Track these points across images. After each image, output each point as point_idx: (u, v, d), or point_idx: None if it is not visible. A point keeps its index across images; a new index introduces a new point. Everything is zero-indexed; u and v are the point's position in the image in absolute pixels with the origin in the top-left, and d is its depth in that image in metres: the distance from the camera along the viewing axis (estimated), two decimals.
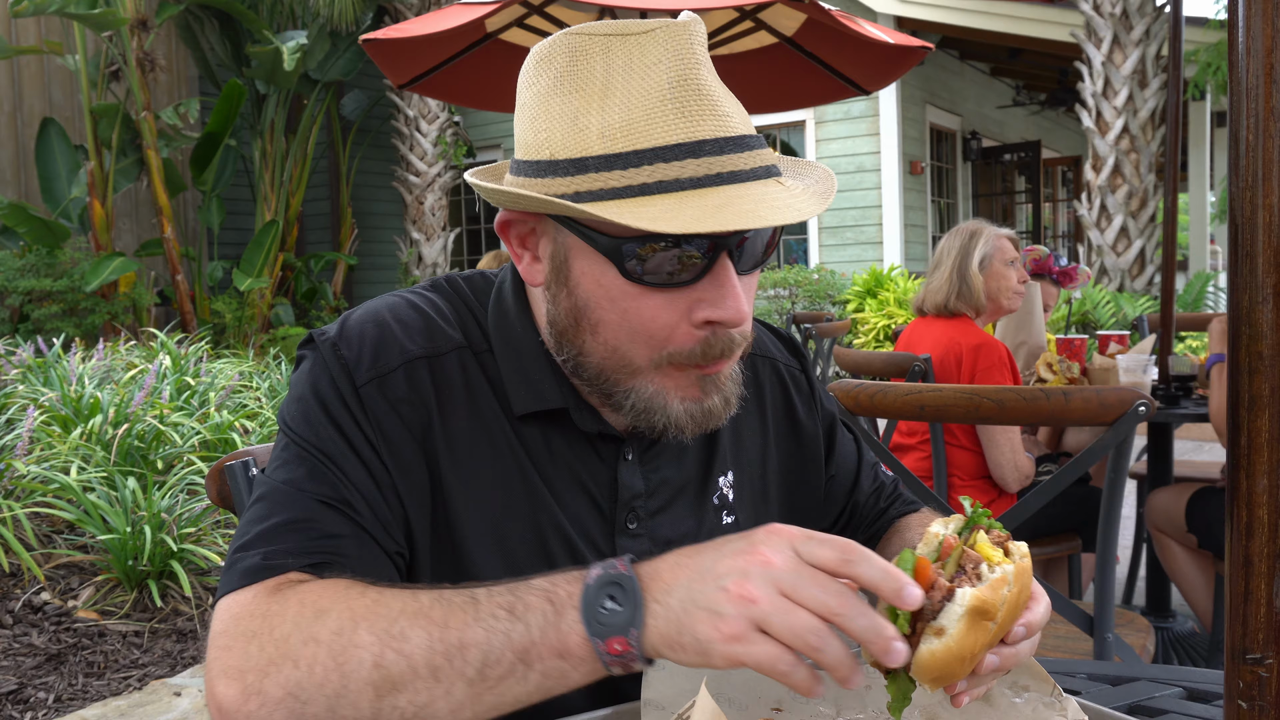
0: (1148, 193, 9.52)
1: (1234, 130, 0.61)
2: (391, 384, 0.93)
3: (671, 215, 0.81)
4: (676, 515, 1.04)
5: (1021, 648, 0.82)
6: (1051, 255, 3.66)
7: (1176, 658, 3.16)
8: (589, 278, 0.90)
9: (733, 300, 0.87)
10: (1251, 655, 0.62)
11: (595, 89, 0.86)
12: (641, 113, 0.84)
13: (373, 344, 0.94)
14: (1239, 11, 0.60)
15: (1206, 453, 6.96)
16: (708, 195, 0.83)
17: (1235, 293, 0.62)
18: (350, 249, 12.25)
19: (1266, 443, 0.61)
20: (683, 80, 0.85)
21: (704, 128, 0.84)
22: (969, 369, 2.88)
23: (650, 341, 0.89)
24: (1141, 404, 1.65)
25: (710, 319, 0.88)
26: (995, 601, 0.76)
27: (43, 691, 2.73)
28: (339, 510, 0.88)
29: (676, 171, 0.83)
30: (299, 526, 0.87)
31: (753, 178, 0.86)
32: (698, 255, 0.86)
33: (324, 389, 0.93)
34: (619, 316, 0.89)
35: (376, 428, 0.91)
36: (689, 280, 0.87)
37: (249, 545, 0.86)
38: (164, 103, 10.82)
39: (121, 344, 6.69)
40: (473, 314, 1.00)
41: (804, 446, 1.16)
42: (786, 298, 11.19)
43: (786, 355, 1.19)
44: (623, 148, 0.84)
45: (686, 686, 0.89)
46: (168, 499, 3.46)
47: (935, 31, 11.53)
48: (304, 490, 0.88)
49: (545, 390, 0.97)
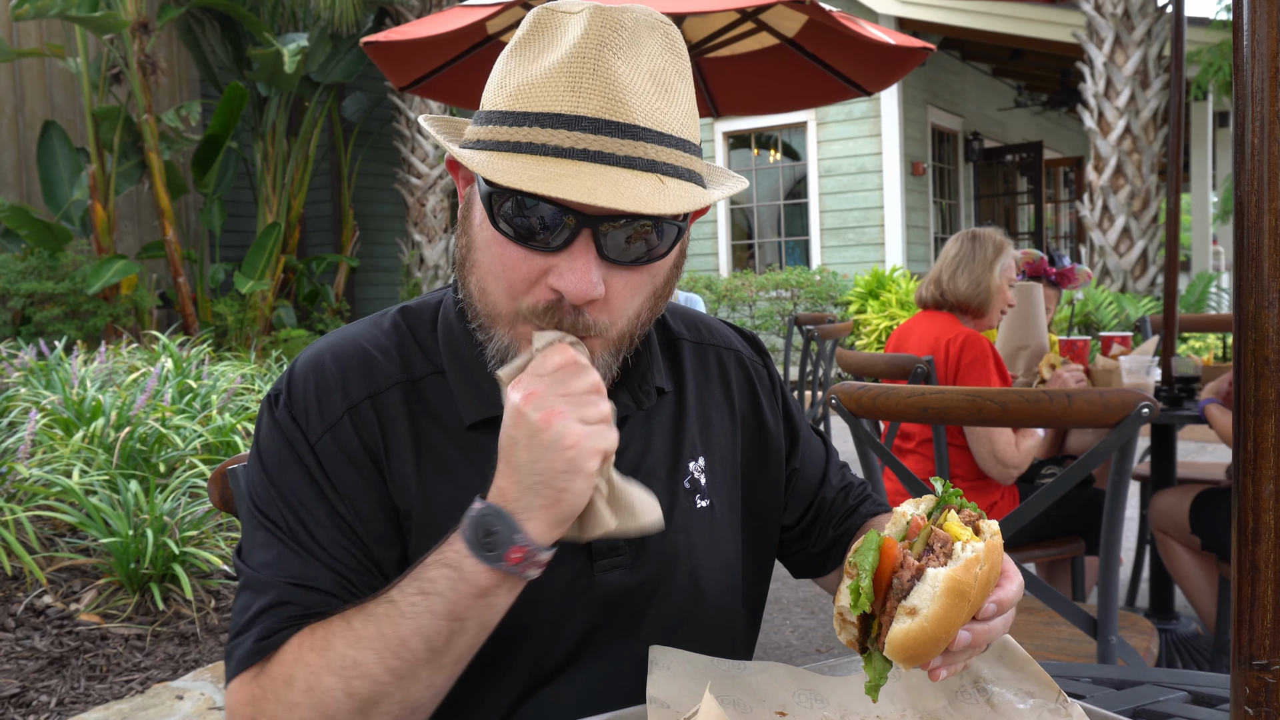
0: (1150, 193, 9.52)
1: (1239, 134, 0.61)
2: (342, 434, 0.98)
3: (516, 172, 0.86)
4: None
5: (994, 624, 0.85)
6: (1044, 259, 3.66)
7: (1180, 660, 3.16)
8: (474, 220, 0.97)
9: (580, 275, 0.89)
10: (1258, 661, 0.62)
11: (531, 54, 0.93)
12: (541, 79, 0.90)
13: (316, 395, 0.99)
14: (1244, 15, 0.60)
15: (1210, 454, 6.95)
16: (563, 165, 0.87)
17: (1241, 297, 0.61)
18: (352, 251, 12.25)
19: (1273, 448, 0.61)
20: (582, 58, 0.89)
21: (587, 105, 0.88)
22: (955, 360, 2.92)
23: (508, 290, 0.94)
24: (1145, 405, 1.64)
25: (556, 287, 0.91)
26: (969, 580, 0.77)
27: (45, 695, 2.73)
28: (308, 588, 0.95)
29: (546, 137, 0.88)
30: (278, 610, 0.94)
31: (626, 165, 0.88)
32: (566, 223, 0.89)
33: (283, 455, 0.98)
34: (489, 259, 0.95)
35: (338, 482, 0.97)
36: (552, 248, 0.90)
37: (241, 632, 0.95)
38: (165, 105, 10.83)
39: (123, 347, 6.70)
40: (418, 343, 1.05)
41: (767, 438, 1.18)
42: (788, 299, 11.18)
43: (750, 351, 1.23)
44: (518, 107, 0.90)
45: (691, 686, 0.89)
46: (170, 502, 3.46)
47: (937, 32, 11.53)
48: (278, 575, 0.95)
49: (493, 396, 0.99)
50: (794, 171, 12.54)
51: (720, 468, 1.13)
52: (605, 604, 1.02)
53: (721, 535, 1.11)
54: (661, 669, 0.90)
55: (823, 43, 4.43)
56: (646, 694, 0.88)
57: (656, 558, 1.04)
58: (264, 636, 0.92)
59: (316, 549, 0.95)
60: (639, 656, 1.02)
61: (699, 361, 1.16)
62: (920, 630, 0.75)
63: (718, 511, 1.11)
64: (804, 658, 3.42)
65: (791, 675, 0.94)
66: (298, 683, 0.88)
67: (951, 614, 0.76)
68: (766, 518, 1.18)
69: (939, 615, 0.75)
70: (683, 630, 1.06)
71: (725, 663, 0.93)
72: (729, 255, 12.83)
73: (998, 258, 3.10)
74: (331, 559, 0.95)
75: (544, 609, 0.99)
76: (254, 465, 1.01)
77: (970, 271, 3.08)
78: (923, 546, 0.80)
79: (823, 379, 5.27)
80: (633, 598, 1.03)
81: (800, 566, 1.26)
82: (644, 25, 0.92)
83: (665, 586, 1.05)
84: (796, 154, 12.50)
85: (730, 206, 12.88)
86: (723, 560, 1.10)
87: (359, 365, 1.01)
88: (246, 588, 0.97)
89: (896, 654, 0.76)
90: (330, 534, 0.96)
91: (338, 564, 0.95)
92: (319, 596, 0.94)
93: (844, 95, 4.82)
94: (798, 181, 12.49)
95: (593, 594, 1.01)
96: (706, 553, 1.08)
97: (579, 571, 1.01)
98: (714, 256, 12.82)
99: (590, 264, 0.90)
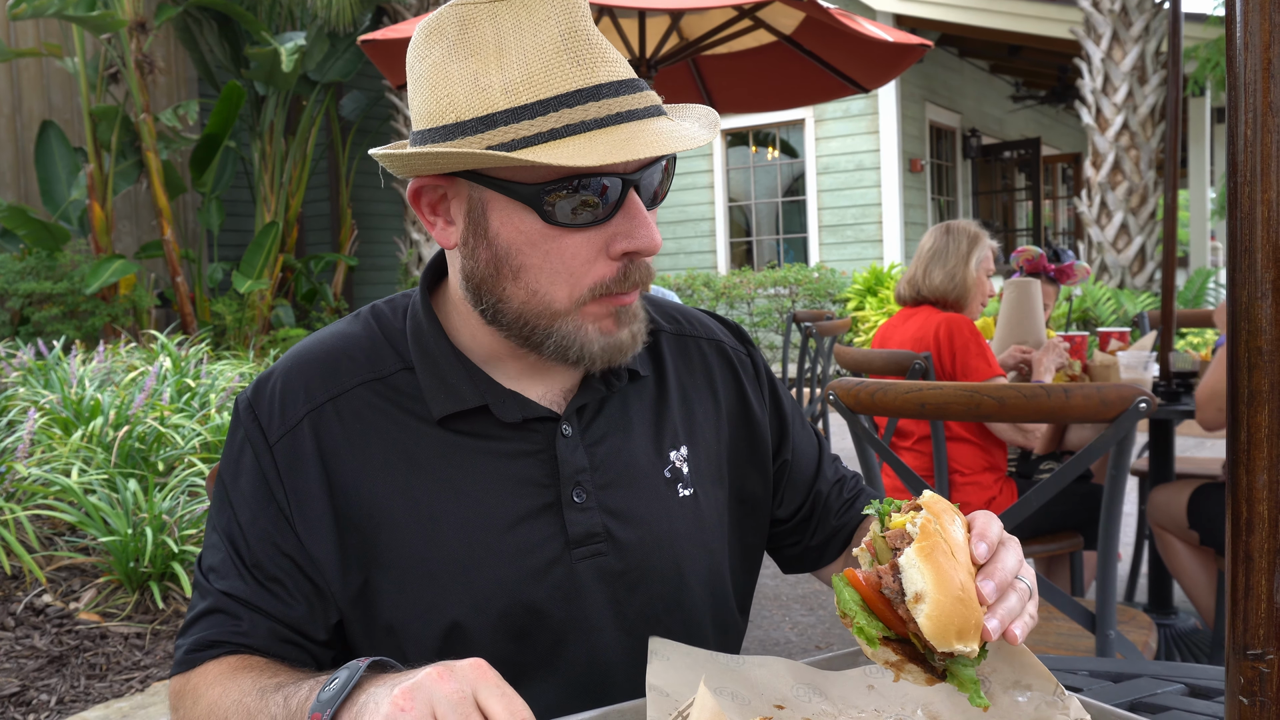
0: (1148, 189, 9.52)
1: (1232, 125, 0.61)
2: (299, 438, 1.00)
3: (587, 152, 0.87)
4: (628, 488, 1.06)
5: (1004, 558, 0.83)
6: (1043, 255, 3.66)
7: (1179, 654, 3.16)
8: (509, 226, 0.94)
9: (645, 229, 0.94)
10: (1252, 651, 0.62)
11: (490, 51, 0.91)
12: (540, 65, 0.90)
13: (280, 399, 1.01)
14: (1237, 7, 0.60)
15: (1208, 449, 6.96)
16: (612, 132, 0.89)
17: (1234, 288, 0.62)
18: (350, 250, 12.24)
19: (1266, 438, 0.61)
20: (573, 31, 0.91)
21: (599, 73, 0.90)
22: (947, 346, 2.95)
23: (571, 278, 0.95)
24: (1142, 401, 1.64)
25: (628, 250, 0.94)
26: (935, 540, 0.78)
27: (45, 694, 2.73)
28: (237, 599, 0.98)
29: (580, 115, 0.89)
30: (210, 618, 0.99)
31: (646, 115, 0.92)
32: (614, 187, 0.92)
33: (244, 461, 1.01)
34: (541, 259, 0.94)
35: (290, 485, 0.99)
36: (605, 218, 0.93)
37: (183, 632, 1.01)
38: (163, 105, 10.82)
39: (122, 346, 6.70)
40: (389, 339, 1.05)
41: (753, 427, 1.17)
42: (786, 296, 11.18)
43: (733, 340, 1.22)
44: (527, 99, 0.89)
45: (689, 677, 0.89)
46: (169, 501, 3.46)
47: (934, 29, 11.53)
48: (217, 582, 1.00)
49: (462, 391, 1.01)
50: (792, 169, 12.54)
51: (705, 458, 1.12)
52: (583, 592, 1.02)
53: (707, 524, 1.10)
54: (660, 659, 0.90)
55: (820, 40, 4.42)
56: (646, 682, 0.88)
57: (637, 546, 1.04)
58: (194, 649, 0.98)
59: (254, 564, 0.99)
60: (621, 646, 1.02)
61: (680, 352, 1.15)
62: (937, 603, 0.75)
63: (702, 501, 1.10)
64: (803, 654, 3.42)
65: (790, 670, 0.94)
66: (200, 705, 0.95)
67: (946, 572, 0.76)
68: (756, 508, 1.18)
69: (938, 580, 0.76)
70: (667, 619, 1.06)
71: (724, 656, 0.94)
72: (727, 252, 12.83)
73: (973, 250, 3.09)
74: (266, 574, 0.98)
75: (521, 596, 0.99)
76: (220, 471, 1.04)
77: (944, 265, 3.08)
78: (886, 551, 0.81)
79: (821, 376, 5.27)
80: (613, 586, 1.03)
81: (794, 561, 1.25)
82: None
83: (647, 575, 1.04)
84: (794, 151, 12.50)
85: (728, 204, 12.88)
86: (708, 550, 1.10)
87: (325, 367, 1.03)
88: (196, 587, 1.03)
89: (942, 638, 0.76)
90: (268, 542, 0.99)
91: (268, 574, 0.98)
92: (246, 608, 0.98)
93: (842, 92, 4.82)
94: (796, 179, 12.49)
95: (571, 582, 1.01)
96: (690, 541, 1.08)
97: (555, 559, 1.01)
98: (712, 254, 12.82)
99: (647, 215, 0.94)
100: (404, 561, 0.99)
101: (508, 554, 0.99)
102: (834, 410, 1.94)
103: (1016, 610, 0.81)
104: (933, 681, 0.80)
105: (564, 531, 1.01)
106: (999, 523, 0.87)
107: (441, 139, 0.93)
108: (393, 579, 0.99)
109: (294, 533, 0.99)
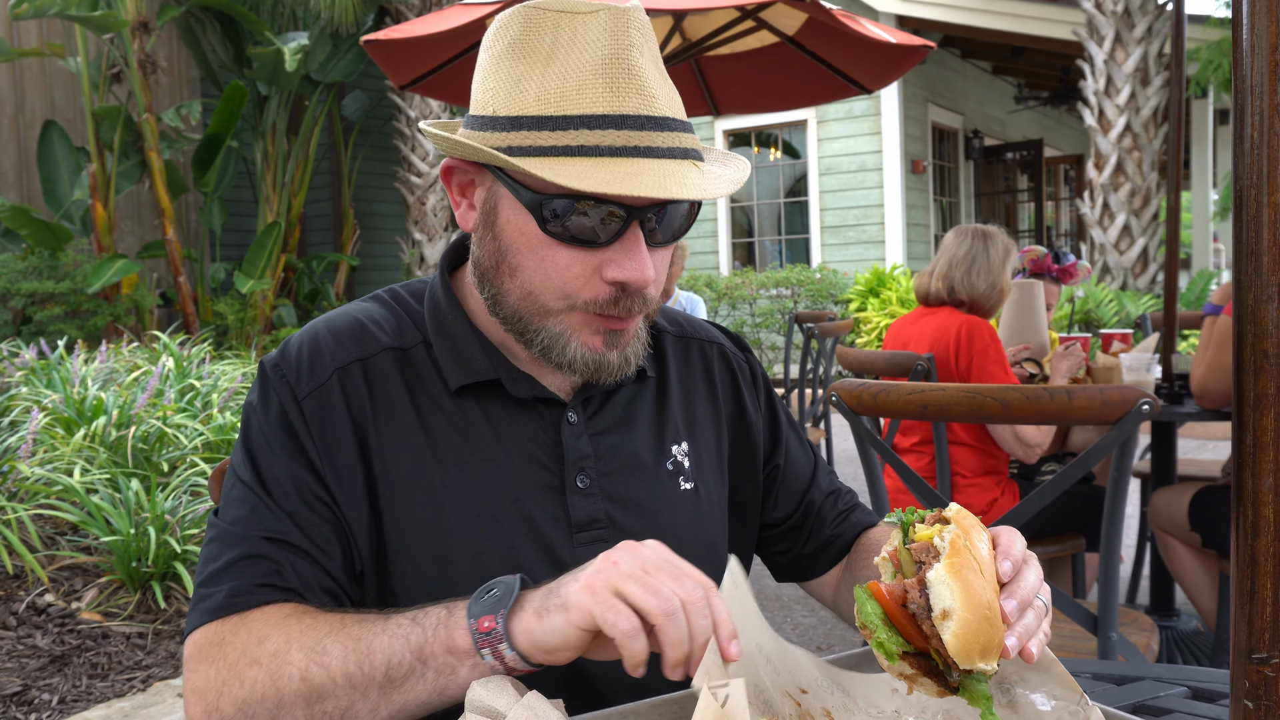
0: (1150, 191, 9.51)
1: (1238, 128, 0.61)
2: (328, 393, 1.01)
3: (587, 176, 0.89)
4: (631, 478, 1.08)
5: (1026, 577, 0.83)
6: (1049, 255, 3.67)
7: (1181, 657, 3.16)
8: (512, 226, 0.98)
9: (637, 263, 0.95)
10: (1257, 655, 0.62)
11: (540, 57, 0.94)
12: (575, 82, 0.92)
13: (308, 358, 1.03)
14: (1243, 9, 0.60)
15: (1210, 451, 6.95)
16: (623, 164, 0.91)
17: (1240, 291, 0.61)
18: (352, 250, 12.24)
19: (1272, 441, 0.61)
20: (615, 59, 0.93)
21: (629, 104, 0.92)
22: (966, 348, 2.94)
23: (563, 289, 0.97)
24: (1145, 403, 1.64)
25: (618, 279, 0.96)
26: (965, 556, 0.77)
27: (46, 693, 2.74)
28: (279, 542, 0.96)
29: (598, 139, 0.91)
30: (248, 563, 0.95)
31: (669, 155, 0.93)
32: (616, 217, 0.93)
33: (268, 415, 1.01)
34: (536, 264, 0.97)
35: (319, 438, 0.99)
36: (603, 242, 0.95)
37: (208, 583, 0.96)
38: (165, 104, 10.82)
39: (124, 346, 6.70)
40: (409, 316, 1.09)
41: (748, 430, 1.21)
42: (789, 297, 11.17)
43: (733, 345, 1.25)
44: (554, 111, 0.92)
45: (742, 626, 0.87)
46: (171, 500, 3.46)
47: (937, 30, 11.52)
48: (251, 529, 0.97)
49: (476, 364, 1.04)
50: (794, 170, 12.53)
51: (705, 455, 1.15)
52: None
53: (707, 518, 1.13)
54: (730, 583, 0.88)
55: (823, 41, 4.42)
56: None
57: (639, 534, 1.03)
58: (237, 593, 0.94)
59: (292, 511, 0.97)
60: None
61: (682, 353, 1.19)
62: (964, 622, 0.75)
63: (703, 495, 1.13)
64: None
65: (813, 660, 0.93)
66: (268, 644, 0.89)
67: (976, 590, 0.76)
68: (748, 509, 1.21)
69: (967, 598, 0.75)
70: None
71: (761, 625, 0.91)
72: (729, 253, 12.82)
73: (1008, 259, 3.14)
74: (305, 520, 0.97)
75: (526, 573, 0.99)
76: (241, 431, 1.04)
77: (988, 273, 3.11)
78: (911, 565, 0.80)
79: (823, 377, 5.27)
80: None
81: (785, 569, 1.26)
82: (638, 19, 0.96)
83: None
84: (797, 152, 12.49)
85: (730, 205, 12.87)
86: (707, 543, 1.12)
87: (352, 332, 1.05)
88: (215, 540, 0.98)
89: (966, 657, 0.75)
90: (304, 491, 0.98)
91: (306, 520, 0.97)
92: (289, 552, 0.96)
93: (844, 93, 4.82)
94: (798, 180, 12.48)
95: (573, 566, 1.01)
96: (691, 533, 1.10)
97: (558, 542, 1.03)
98: (714, 255, 12.81)
99: (644, 253, 0.95)
100: (414, 530, 1.01)
101: (513, 530, 1.02)
102: (836, 411, 1.94)
103: (1034, 628, 0.82)
104: (944, 695, 0.80)
105: (567, 515, 1.04)
106: (1022, 539, 0.88)
107: (478, 127, 0.97)
108: (403, 546, 1.01)
109: (325, 486, 0.99)
